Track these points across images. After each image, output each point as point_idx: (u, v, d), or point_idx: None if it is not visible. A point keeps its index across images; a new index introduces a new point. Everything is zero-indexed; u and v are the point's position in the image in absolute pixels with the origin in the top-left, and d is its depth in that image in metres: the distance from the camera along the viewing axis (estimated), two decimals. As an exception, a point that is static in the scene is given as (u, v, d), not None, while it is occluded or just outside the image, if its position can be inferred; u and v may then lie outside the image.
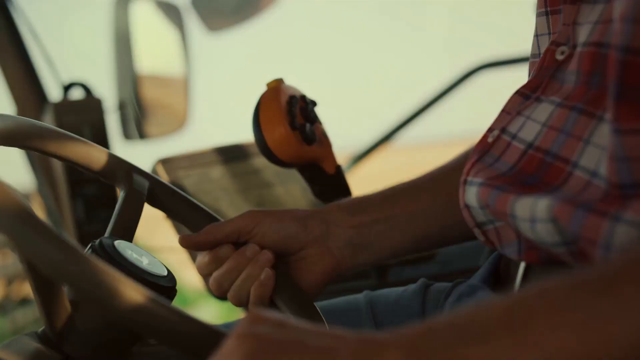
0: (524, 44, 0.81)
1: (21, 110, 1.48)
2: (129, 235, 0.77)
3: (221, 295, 0.81)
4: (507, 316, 0.44)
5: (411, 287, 0.90)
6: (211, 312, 3.97)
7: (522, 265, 0.66)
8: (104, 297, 0.55)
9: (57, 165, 1.40)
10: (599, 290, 0.43)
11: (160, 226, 1.26)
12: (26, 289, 4.71)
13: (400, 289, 0.91)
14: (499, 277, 0.74)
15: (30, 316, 4.27)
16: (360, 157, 1.97)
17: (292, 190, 1.15)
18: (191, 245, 0.81)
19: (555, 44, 0.66)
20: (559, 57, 0.65)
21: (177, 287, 0.72)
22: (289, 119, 0.87)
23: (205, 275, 0.82)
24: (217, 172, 1.12)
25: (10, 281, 4.64)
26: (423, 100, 1.93)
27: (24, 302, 4.53)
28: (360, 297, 0.91)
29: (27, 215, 0.56)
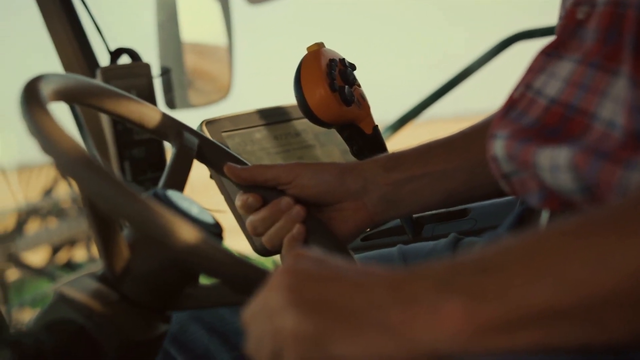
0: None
1: (72, 75, 1.53)
2: (179, 188, 0.82)
3: (256, 235, 0.87)
4: (523, 249, 0.48)
5: (442, 241, 0.94)
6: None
7: (545, 213, 0.70)
8: (162, 235, 0.60)
9: (106, 129, 1.45)
10: (608, 227, 0.47)
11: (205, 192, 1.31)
12: (69, 255, 4.84)
13: (432, 243, 0.95)
14: (524, 227, 0.78)
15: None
16: (393, 128, 2.00)
17: (331, 152, 1.20)
18: (232, 175, 0.86)
19: (576, 3, 0.70)
20: (580, 17, 0.68)
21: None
22: (328, 81, 0.92)
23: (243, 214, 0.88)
24: (260, 133, 1.16)
25: (55, 249, 4.76)
26: (456, 72, 1.95)
27: (67, 267, 4.66)
28: (393, 250, 0.96)
29: (93, 162, 0.62)
